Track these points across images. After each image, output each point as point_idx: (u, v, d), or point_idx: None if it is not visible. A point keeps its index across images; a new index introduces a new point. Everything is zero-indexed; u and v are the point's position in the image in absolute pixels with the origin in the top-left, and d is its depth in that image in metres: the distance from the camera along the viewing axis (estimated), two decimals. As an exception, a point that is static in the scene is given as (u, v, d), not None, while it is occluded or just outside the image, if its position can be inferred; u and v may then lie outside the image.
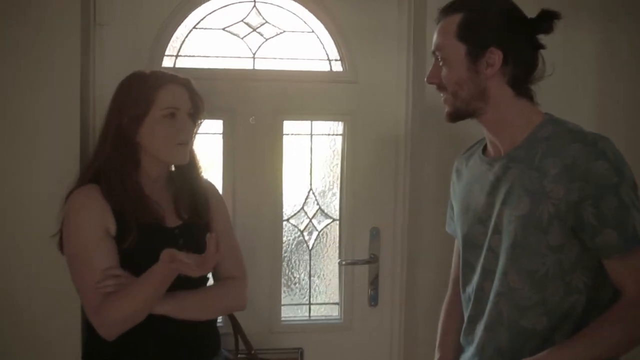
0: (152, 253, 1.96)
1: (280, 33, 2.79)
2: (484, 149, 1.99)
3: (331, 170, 2.88)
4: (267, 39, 2.78)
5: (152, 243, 2.03)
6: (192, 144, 2.21)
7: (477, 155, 2.00)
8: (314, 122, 2.84)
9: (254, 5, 2.77)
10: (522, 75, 1.83)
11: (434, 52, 1.87)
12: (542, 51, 1.86)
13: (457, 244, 2.07)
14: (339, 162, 2.86)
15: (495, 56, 1.78)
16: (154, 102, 2.08)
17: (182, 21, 2.69)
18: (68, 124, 2.41)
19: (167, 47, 2.69)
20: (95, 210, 2.05)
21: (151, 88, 2.10)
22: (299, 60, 2.82)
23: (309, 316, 2.90)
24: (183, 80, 2.16)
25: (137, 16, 2.64)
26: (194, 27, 2.72)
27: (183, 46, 2.72)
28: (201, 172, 2.31)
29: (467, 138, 2.25)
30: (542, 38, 1.84)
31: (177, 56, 2.71)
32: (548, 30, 1.81)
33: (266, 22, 2.78)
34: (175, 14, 2.67)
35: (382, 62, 2.82)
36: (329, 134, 2.87)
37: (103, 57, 2.60)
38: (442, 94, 1.89)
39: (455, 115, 1.88)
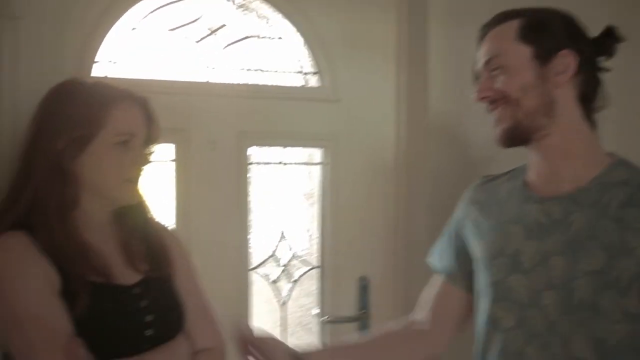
0: (109, 322, 1.49)
1: (243, 39, 2.08)
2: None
3: (309, 206, 2.20)
4: (226, 46, 2.07)
5: (108, 308, 1.51)
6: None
7: (514, 189, 1.56)
8: (286, 149, 2.17)
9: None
10: (592, 95, 1.48)
11: (486, 63, 1.48)
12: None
13: (439, 280, 1.67)
14: (318, 196, 2.19)
15: (568, 60, 1.43)
16: (105, 124, 1.54)
17: (117, 19, 1.96)
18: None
19: (97, 51, 1.94)
20: (35, 262, 1.48)
21: (101, 105, 1.55)
22: (265, 73, 2.12)
23: (284, 388, 2.18)
24: (140, 99, 1.62)
25: (61, 10, 1.87)
26: (133, 28, 1.99)
27: (118, 51, 1.98)
28: (151, 213, 1.71)
29: (480, 168, 1.91)
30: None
31: (111, 63, 1.98)
32: (611, 51, 1.49)
33: (225, 24, 2.07)
34: (109, 9, 1.94)
35: (371, 77, 2.18)
36: (305, 163, 2.20)
37: (17, 61, 1.80)
38: (494, 113, 1.47)
39: (514, 133, 1.46)
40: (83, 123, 1.53)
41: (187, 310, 1.63)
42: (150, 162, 1.64)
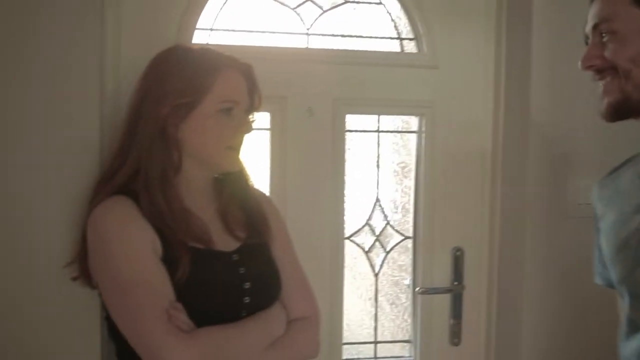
0: (208, 288, 1.47)
1: (341, 4, 2.00)
2: None
3: (403, 176, 2.09)
4: (324, 11, 1.99)
5: (207, 274, 1.48)
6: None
7: (634, 176, 1.36)
8: (381, 117, 2.06)
9: (309, -33, 1.95)
10: None
11: (595, 27, 1.30)
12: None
13: (616, 296, 1.46)
14: (413, 165, 2.08)
15: None
16: (209, 91, 1.50)
17: (218, -14, 1.87)
18: (84, 115, 1.64)
19: (198, 18, 1.89)
20: (141, 226, 1.47)
21: (206, 71, 1.51)
22: (363, 39, 2.03)
23: (375, 357, 2.11)
24: (244, 66, 1.57)
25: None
26: (233, -6, 1.92)
27: (218, 18, 1.93)
28: (251, 181, 1.66)
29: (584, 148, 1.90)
30: None
31: (211, 30, 1.92)
32: None
33: (323, -12, 1.96)
34: (209, -24, 1.84)
35: (470, 44, 2.06)
36: (401, 131, 2.09)
37: (120, 29, 1.78)
38: (600, 83, 1.31)
39: (621, 107, 1.28)
40: (189, 89, 1.50)
41: (283, 279, 1.59)
42: (252, 130, 1.59)
